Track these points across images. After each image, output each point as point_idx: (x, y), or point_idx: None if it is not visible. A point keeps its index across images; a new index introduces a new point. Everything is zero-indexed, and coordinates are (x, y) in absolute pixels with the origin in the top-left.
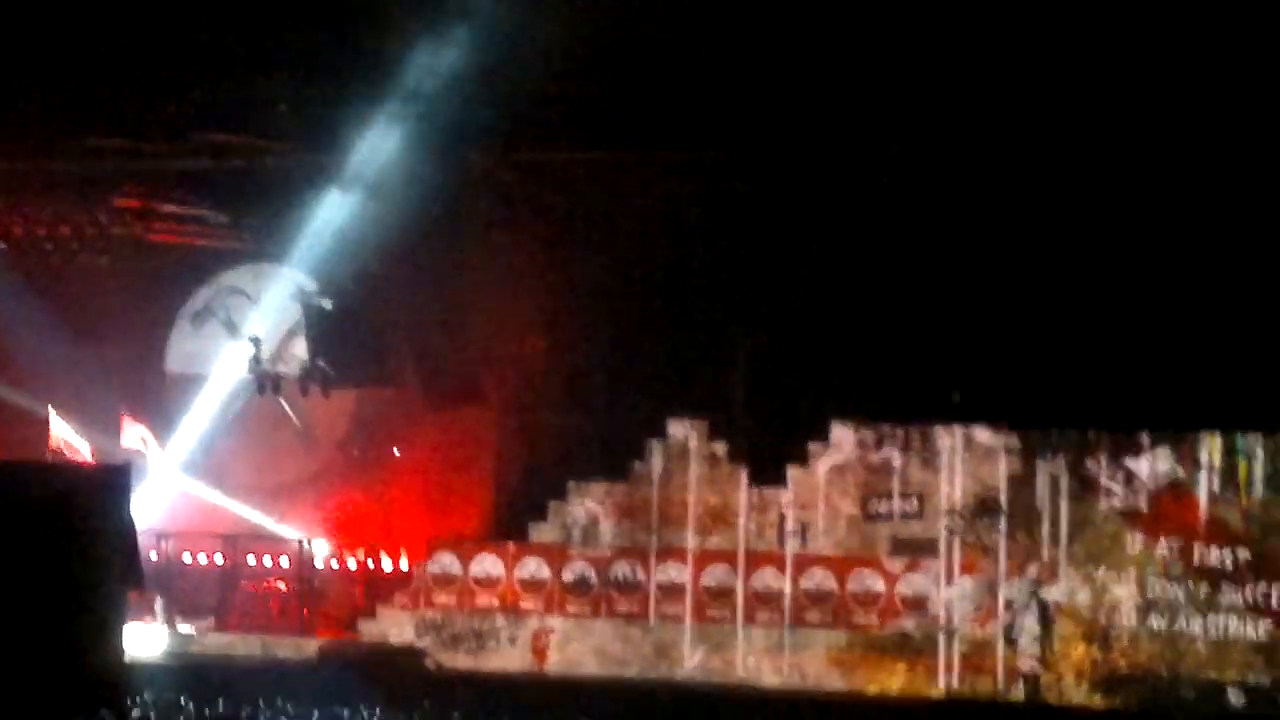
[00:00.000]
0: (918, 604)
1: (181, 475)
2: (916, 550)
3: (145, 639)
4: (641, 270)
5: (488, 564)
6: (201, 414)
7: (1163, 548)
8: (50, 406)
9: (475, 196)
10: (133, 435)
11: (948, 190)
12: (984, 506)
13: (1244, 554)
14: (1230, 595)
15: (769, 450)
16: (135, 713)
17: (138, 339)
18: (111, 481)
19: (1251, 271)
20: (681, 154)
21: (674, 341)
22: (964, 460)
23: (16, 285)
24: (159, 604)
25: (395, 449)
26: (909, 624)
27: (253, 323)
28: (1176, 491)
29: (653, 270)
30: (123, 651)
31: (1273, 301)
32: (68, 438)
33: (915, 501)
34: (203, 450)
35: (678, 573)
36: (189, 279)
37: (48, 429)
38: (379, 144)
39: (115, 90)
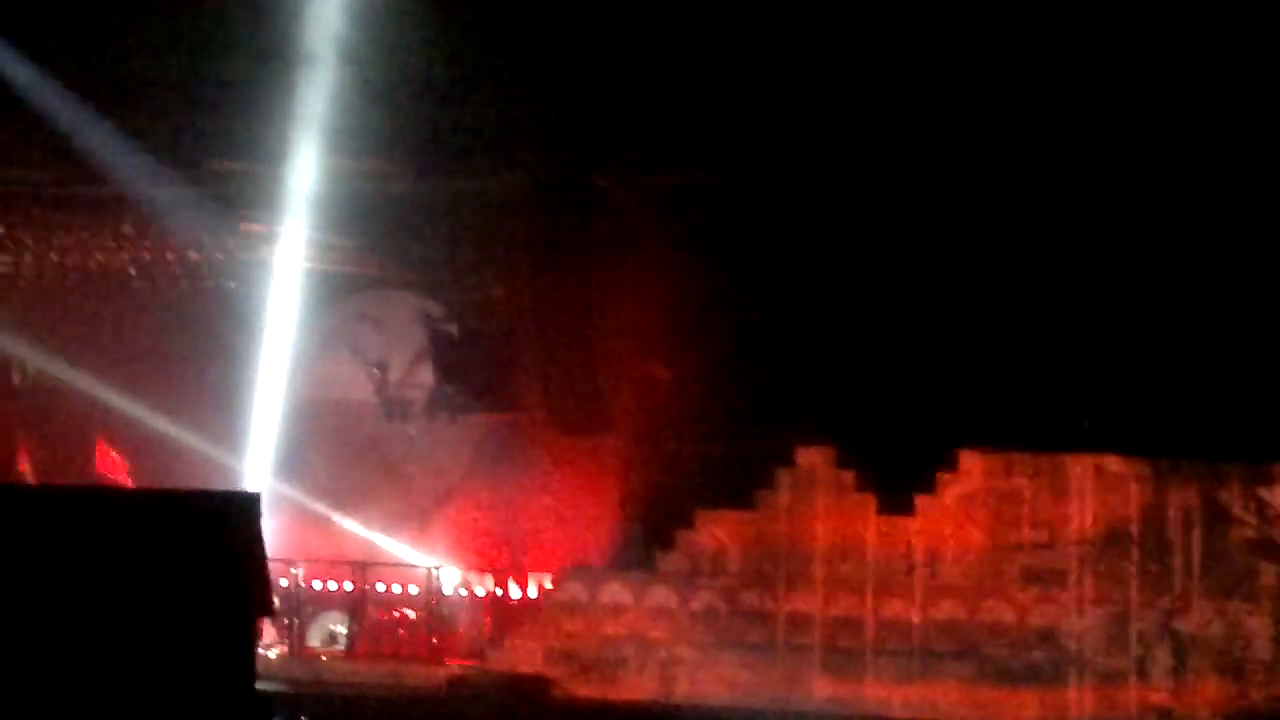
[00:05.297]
0: (1047, 634)
1: (312, 502)
2: (1046, 581)
3: (276, 666)
4: (770, 296)
5: (616, 592)
6: (330, 440)
7: None
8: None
9: (601, 220)
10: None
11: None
12: (1114, 536)
13: None
14: None
15: (897, 478)
16: None
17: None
18: (242, 508)
19: None
20: (814, 177)
21: (802, 368)
22: (1094, 489)
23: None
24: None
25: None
26: (1039, 655)
27: (380, 349)
28: None
29: (782, 296)
30: (254, 680)
31: None
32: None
33: (1045, 531)
34: (332, 477)
35: (806, 602)
36: (317, 305)
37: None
38: (505, 169)
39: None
